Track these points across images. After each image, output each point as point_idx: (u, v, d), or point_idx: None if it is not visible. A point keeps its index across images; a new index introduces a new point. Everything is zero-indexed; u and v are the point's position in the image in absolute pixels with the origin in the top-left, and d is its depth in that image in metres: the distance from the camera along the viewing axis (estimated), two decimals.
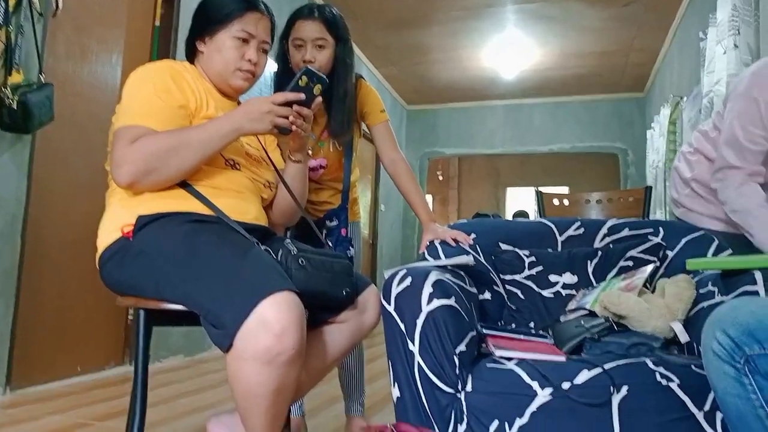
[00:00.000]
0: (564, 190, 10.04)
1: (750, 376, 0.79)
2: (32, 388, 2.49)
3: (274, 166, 1.45)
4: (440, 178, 11.51)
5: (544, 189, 2.90)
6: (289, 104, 1.23)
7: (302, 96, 1.24)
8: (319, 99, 1.28)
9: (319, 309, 1.31)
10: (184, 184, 1.23)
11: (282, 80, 1.74)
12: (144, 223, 1.17)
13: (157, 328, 1.25)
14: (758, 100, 1.50)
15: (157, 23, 3.27)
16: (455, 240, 1.71)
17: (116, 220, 1.21)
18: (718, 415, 1.11)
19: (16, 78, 2.29)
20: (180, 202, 1.21)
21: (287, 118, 1.24)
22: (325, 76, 1.27)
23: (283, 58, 1.74)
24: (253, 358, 0.99)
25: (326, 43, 1.67)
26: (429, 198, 11.16)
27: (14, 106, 2.23)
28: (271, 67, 1.74)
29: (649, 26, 5.30)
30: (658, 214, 5.29)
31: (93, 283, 2.69)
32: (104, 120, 1.35)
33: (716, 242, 1.62)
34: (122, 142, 1.18)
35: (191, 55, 1.42)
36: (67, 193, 2.70)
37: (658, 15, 5.05)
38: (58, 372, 2.66)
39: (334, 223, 1.85)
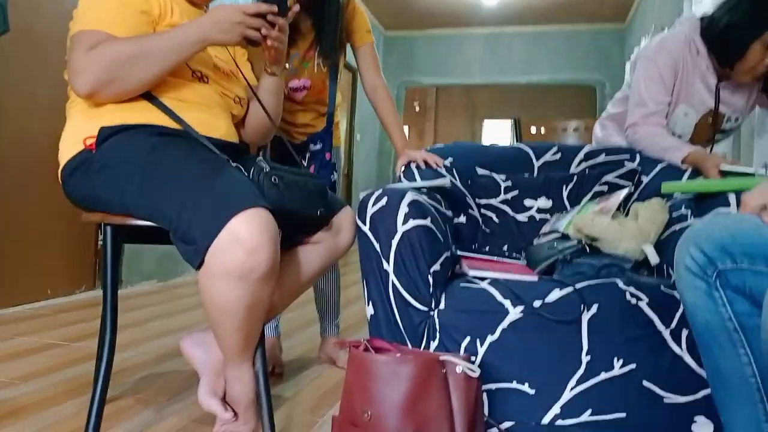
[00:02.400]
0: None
1: (721, 290, 0.80)
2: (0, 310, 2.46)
3: (246, 80, 1.38)
4: (417, 109, 11.35)
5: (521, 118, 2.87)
6: (261, 15, 1.16)
7: (275, 8, 1.17)
8: (296, 8, 1.21)
9: (293, 229, 1.29)
10: (149, 96, 1.16)
11: None
12: (107, 134, 1.12)
13: (129, 252, 1.22)
14: (657, 62, 1.73)
15: None
16: (427, 163, 1.69)
17: (77, 132, 1.15)
18: (684, 332, 1.14)
19: None
20: (145, 114, 1.16)
21: (259, 30, 1.17)
22: None
23: None
24: (226, 274, 0.97)
25: None
26: (405, 129, 11.01)
27: None
28: None
29: None
30: None
31: (59, 205, 2.61)
32: (63, 33, 1.25)
33: (690, 168, 1.63)
34: (80, 49, 1.10)
35: None
36: (25, 110, 2.57)
37: None
38: (26, 295, 2.63)
39: (318, 146, 1.83)
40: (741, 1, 1.60)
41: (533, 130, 2.71)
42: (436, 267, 1.25)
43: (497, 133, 10.79)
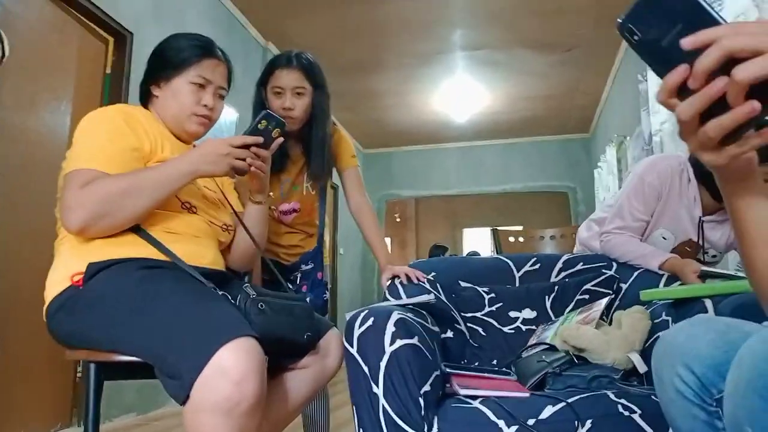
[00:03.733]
0: (518, 228, 10.22)
1: (723, 420, 0.68)
2: None
3: (233, 209, 1.43)
4: (398, 219, 11.59)
5: (499, 228, 2.96)
6: (246, 146, 1.23)
7: (260, 139, 1.25)
8: (280, 140, 1.29)
9: (280, 355, 1.28)
10: (137, 229, 1.20)
11: None
12: (95, 270, 1.13)
13: (108, 384, 1.19)
14: (644, 180, 1.79)
15: (109, 71, 3.24)
16: (408, 278, 1.72)
17: (66, 268, 1.16)
18: None
19: None
20: (133, 248, 1.18)
21: (244, 160, 1.23)
22: (283, 120, 1.28)
23: (260, 104, 1.77)
24: (212, 408, 0.95)
25: (305, 91, 1.72)
26: (388, 240, 11.17)
27: None
28: (225, 113, 1.75)
29: (591, 70, 5.58)
30: None
31: (37, 339, 2.54)
32: (53, 168, 1.31)
33: (666, 274, 1.68)
34: (73, 186, 1.14)
35: (145, 99, 1.40)
36: (13, 244, 2.59)
37: (599, 59, 5.34)
38: None
39: (310, 266, 1.87)
40: None
41: (511, 239, 2.78)
42: (427, 387, 1.23)
43: (477, 240, 10.98)
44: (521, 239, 2.83)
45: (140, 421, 3.15)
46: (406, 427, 1.18)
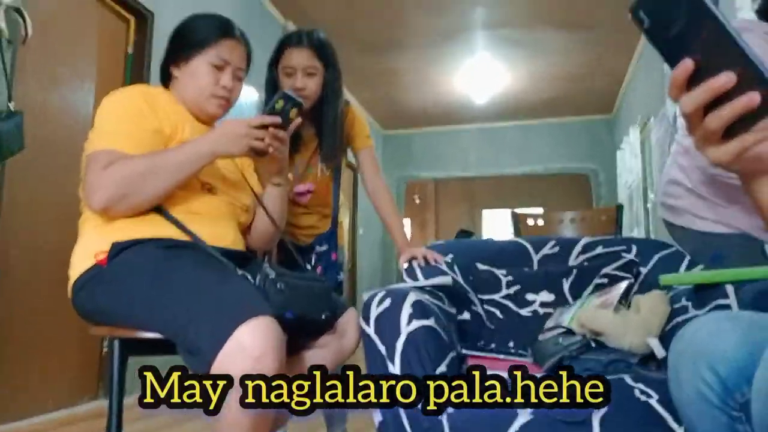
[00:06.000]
0: (538, 210, 10.15)
1: (747, 425, 0.67)
2: (2, 426, 2.39)
3: (252, 190, 1.45)
4: (417, 201, 11.57)
5: (519, 210, 2.94)
6: (265, 127, 1.24)
7: (278, 119, 1.25)
8: (298, 120, 1.29)
9: (299, 333, 1.29)
10: (159, 210, 1.22)
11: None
12: (118, 249, 1.15)
13: (134, 357, 1.22)
14: None
15: (131, 51, 3.26)
16: (426, 260, 1.71)
17: (90, 247, 1.19)
18: None
19: None
20: (155, 227, 1.20)
21: (263, 140, 1.24)
22: (301, 100, 1.28)
23: (272, 84, 1.76)
24: None
25: (316, 70, 1.71)
26: (407, 221, 11.19)
27: None
28: (246, 93, 1.75)
29: (614, 49, 5.46)
30: (635, 232, 5.38)
31: (64, 314, 2.61)
32: (75, 147, 1.33)
33: (687, 258, 1.65)
34: (96, 167, 1.17)
35: (166, 80, 1.41)
36: (37, 221, 2.64)
37: (622, 38, 5.21)
38: (29, 408, 2.56)
39: (324, 247, 1.87)
40: None
41: (531, 222, 2.76)
42: (443, 368, 1.24)
43: (497, 222, 10.93)
44: (541, 222, 2.80)
45: None
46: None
